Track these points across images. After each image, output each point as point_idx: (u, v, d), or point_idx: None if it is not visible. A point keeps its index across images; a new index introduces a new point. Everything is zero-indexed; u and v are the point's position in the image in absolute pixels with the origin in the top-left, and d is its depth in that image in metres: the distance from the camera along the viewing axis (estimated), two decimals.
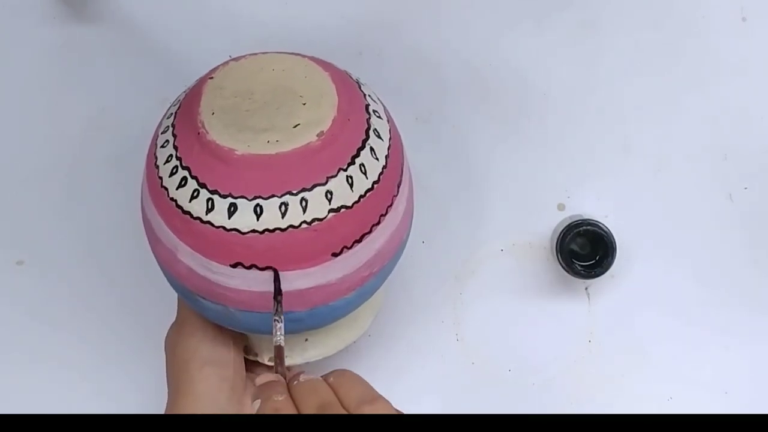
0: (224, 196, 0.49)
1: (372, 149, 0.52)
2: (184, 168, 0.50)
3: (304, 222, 0.49)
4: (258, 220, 0.49)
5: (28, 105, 0.69)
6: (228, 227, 0.49)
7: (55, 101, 0.69)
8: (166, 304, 0.60)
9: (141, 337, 0.67)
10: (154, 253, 0.54)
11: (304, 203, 0.49)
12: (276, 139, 0.49)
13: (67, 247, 0.68)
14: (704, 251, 0.69)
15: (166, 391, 0.57)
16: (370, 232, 0.51)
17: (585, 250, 0.66)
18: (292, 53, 0.55)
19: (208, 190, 0.49)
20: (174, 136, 0.52)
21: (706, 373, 0.68)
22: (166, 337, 0.59)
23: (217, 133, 0.50)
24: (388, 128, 0.54)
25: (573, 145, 0.69)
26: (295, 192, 0.49)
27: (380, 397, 0.46)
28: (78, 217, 0.68)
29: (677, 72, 0.69)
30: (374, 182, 0.51)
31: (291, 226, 0.49)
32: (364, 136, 0.52)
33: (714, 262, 0.69)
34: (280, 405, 0.45)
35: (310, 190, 0.49)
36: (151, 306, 0.66)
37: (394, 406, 0.69)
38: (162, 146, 0.52)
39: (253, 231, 0.49)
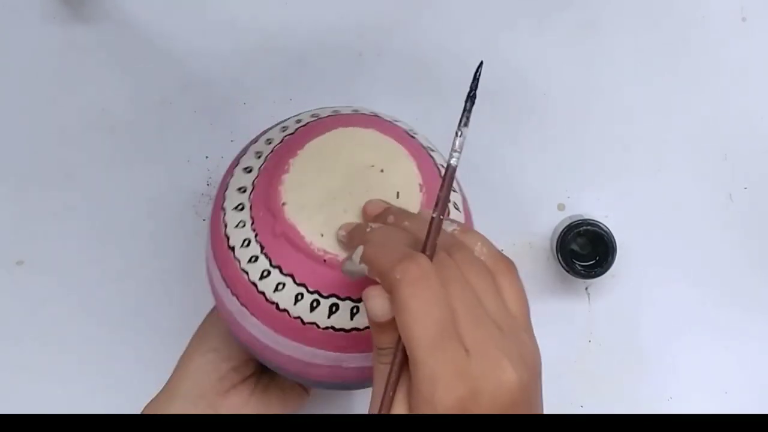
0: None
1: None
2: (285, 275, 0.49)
3: None
4: (352, 319, 0.49)
5: (28, 105, 0.69)
6: (328, 326, 0.49)
7: (55, 101, 0.69)
8: (167, 304, 0.60)
9: (141, 337, 0.67)
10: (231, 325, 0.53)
11: None
12: None
13: (67, 247, 0.68)
14: (704, 251, 0.69)
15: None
16: None
17: (585, 250, 0.66)
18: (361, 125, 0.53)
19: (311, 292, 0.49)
20: (261, 245, 0.50)
21: (706, 373, 0.68)
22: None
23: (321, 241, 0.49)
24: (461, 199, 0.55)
25: (573, 145, 0.69)
26: None
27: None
28: (78, 217, 0.68)
29: (677, 72, 0.69)
30: None
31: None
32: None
33: (714, 262, 0.69)
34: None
35: None
36: (151, 306, 0.66)
37: None
38: (243, 245, 0.50)
39: (355, 329, 0.49)
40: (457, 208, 0.53)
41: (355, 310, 0.49)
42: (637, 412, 0.66)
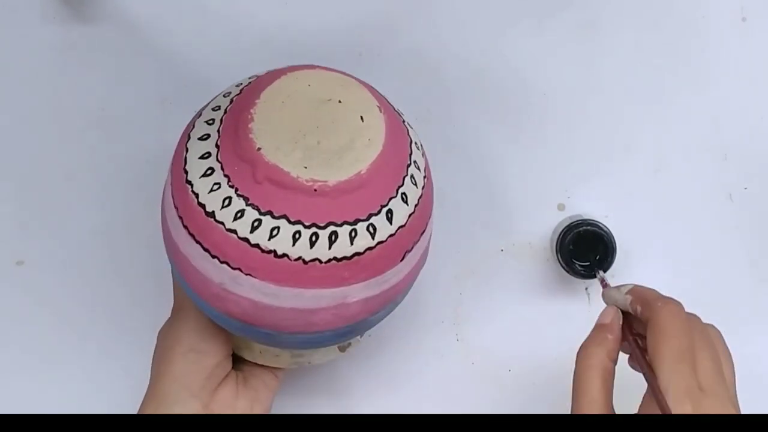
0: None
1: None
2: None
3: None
4: (352, 244, 0.50)
5: (27, 105, 0.69)
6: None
7: (55, 101, 0.69)
8: (167, 304, 0.60)
9: (141, 337, 0.67)
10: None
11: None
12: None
13: (67, 247, 0.68)
14: (704, 251, 0.69)
15: None
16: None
17: (585, 250, 0.66)
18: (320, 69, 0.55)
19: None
20: (244, 198, 0.50)
21: None
22: (161, 328, 0.59)
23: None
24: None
25: (573, 145, 0.69)
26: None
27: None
28: (78, 217, 0.68)
29: (677, 72, 0.69)
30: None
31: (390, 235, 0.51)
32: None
33: (714, 262, 0.69)
34: None
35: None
36: (151, 305, 0.66)
37: (395, 406, 0.69)
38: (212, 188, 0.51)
39: (356, 254, 0.50)
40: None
41: (353, 234, 0.49)
42: (637, 412, 0.66)
